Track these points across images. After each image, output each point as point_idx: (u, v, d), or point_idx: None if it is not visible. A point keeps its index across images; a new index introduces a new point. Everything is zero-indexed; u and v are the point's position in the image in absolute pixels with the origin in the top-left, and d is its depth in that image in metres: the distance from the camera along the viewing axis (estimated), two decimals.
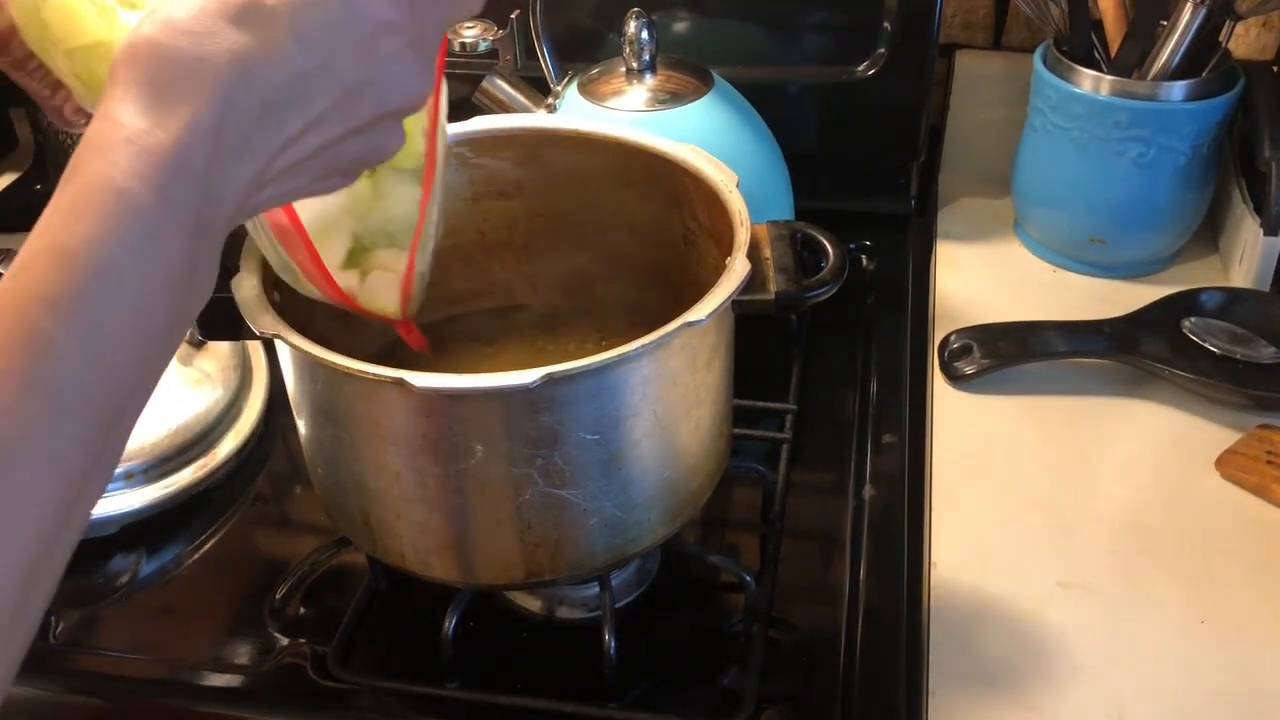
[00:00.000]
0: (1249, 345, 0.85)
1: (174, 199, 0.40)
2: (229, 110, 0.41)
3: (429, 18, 0.46)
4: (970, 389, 0.87)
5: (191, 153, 0.40)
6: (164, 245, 0.40)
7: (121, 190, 0.39)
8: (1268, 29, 1.02)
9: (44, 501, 0.37)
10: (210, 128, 0.41)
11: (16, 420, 0.37)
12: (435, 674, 0.67)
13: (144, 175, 0.40)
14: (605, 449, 0.59)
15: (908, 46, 0.99)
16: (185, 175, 0.40)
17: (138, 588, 0.75)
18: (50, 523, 0.38)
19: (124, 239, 0.39)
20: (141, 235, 0.39)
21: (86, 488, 0.39)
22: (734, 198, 0.66)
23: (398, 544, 0.64)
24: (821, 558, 0.76)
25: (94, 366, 0.38)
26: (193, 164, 0.40)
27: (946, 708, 0.64)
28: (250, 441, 0.84)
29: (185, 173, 0.40)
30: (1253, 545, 0.73)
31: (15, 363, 0.37)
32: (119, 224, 0.39)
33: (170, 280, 0.40)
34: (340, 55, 0.43)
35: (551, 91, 0.92)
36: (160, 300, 0.40)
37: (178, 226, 0.40)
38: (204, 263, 0.42)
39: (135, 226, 0.39)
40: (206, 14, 0.41)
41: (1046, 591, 0.71)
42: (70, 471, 0.38)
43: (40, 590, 0.38)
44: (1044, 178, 0.99)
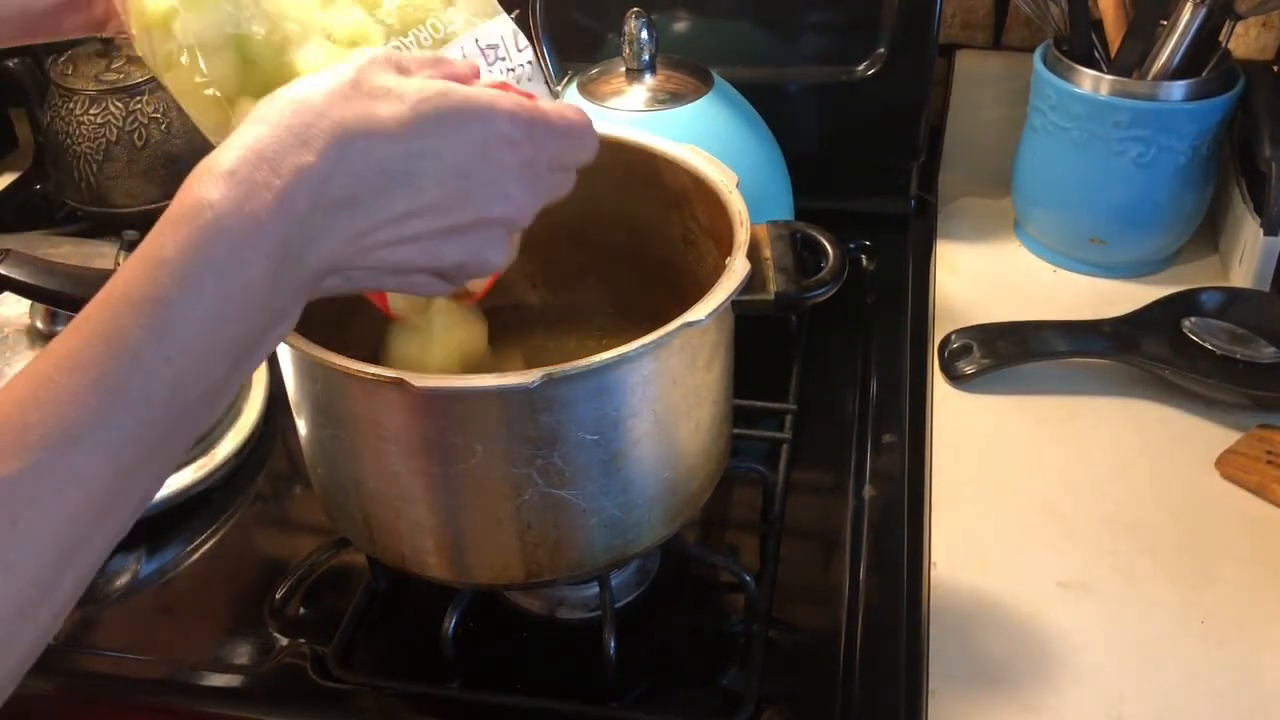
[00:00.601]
0: (1249, 345, 0.85)
1: (264, 225, 0.41)
2: (340, 165, 0.43)
3: (545, 148, 0.48)
4: (970, 389, 0.87)
5: (292, 191, 0.42)
6: (246, 265, 0.41)
7: (214, 205, 0.41)
8: (1268, 29, 1.02)
9: (90, 488, 0.39)
10: (317, 176, 0.42)
11: (79, 406, 0.39)
12: (435, 674, 0.67)
13: (238, 199, 0.41)
14: (605, 449, 0.59)
15: (908, 46, 0.99)
16: (281, 207, 0.41)
17: (138, 588, 0.75)
18: (94, 508, 0.40)
19: (210, 252, 0.41)
20: (227, 252, 0.41)
21: (128, 489, 0.41)
22: (734, 198, 0.66)
23: (397, 544, 0.64)
24: (821, 558, 0.76)
25: (160, 366, 0.40)
26: (291, 201, 0.42)
27: (946, 708, 0.64)
28: (250, 441, 0.84)
29: (282, 205, 0.41)
30: (1253, 545, 0.73)
31: (92, 353, 0.39)
32: (206, 237, 0.41)
33: (247, 302, 0.42)
34: (455, 147, 0.45)
35: (551, 91, 0.93)
36: (234, 317, 0.41)
37: (264, 252, 0.41)
38: (284, 303, 0.44)
39: (222, 242, 0.41)
40: (346, 81, 0.44)
41: (1046, 591, 0.71)
42: (117, 466, 0.40)
43: (73, 575, 0.40)
44: (1044, 178, 0.99)
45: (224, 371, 0.42)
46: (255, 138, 0.42)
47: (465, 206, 0.46)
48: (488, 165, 0.46)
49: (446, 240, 0.47)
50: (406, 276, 0.48)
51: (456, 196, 0.46)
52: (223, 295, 0.41)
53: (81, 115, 1.05)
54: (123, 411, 0.39)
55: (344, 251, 0.44)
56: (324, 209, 0.43)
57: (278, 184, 0.41)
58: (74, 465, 0.39)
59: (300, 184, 0.42)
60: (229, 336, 0.42)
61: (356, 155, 0.43)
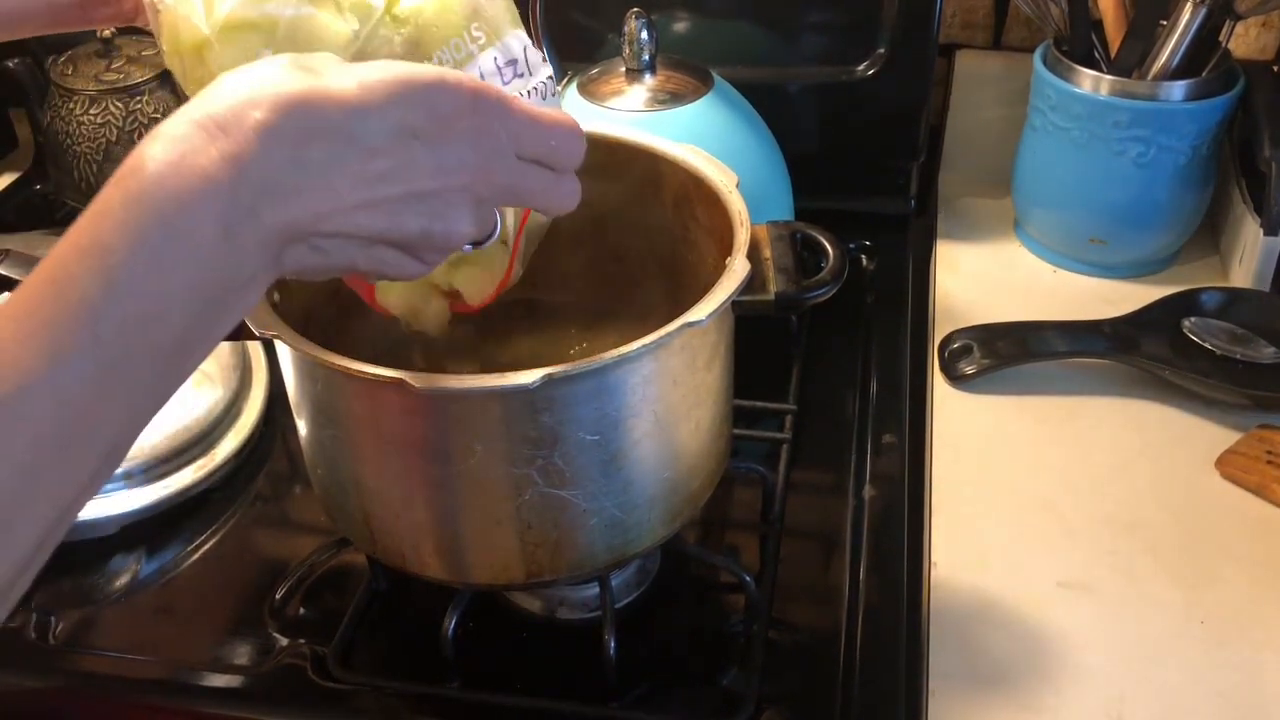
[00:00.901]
0: (1249, 345, 0.85)
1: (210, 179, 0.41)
2: (290, 122, 0.43)
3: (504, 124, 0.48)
4: (970, 389, 0.87)
5: (242, 148, 0.42)
6: (191, 217, 0.41)
7: (156, 159, 0.41)
8: (1268, 29, 1.02)
9: (38, 430, 0.39)
10: (268, 133, 0.42)
11: (25, 346, 0.39)
12: (435, 674, 0.67)
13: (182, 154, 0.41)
14: (605, 449, 0.59)
15: (908, 46, 0.99)
16: (230, 163, 0.42)
17: (138, 588, 0.75)
18: (46, 453, 0.40)
19: (152, 203, 0.41)
20: (170, 204, 0.41)
21: (84, 436, 0.41)
22: (734, 198, 0.66)
23: (398, 544, 0.64)
24: (821, 558, 0.76)
25: (108, 308, 0.40)
26: (240, 157, 0.42)
27: (946, 708, 0.64)
28: (250, 441, 0.84)
29: (230, 160, 0.42)
30: (1253, 545, 0.73)
31: (40, 298, 0.40)
32: (147, 190, 0.41)
33: (196, 254, 0.42)
34: (404, 110, 0.45)
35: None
36: (183, 267, 0.41)
37: (210, 207, 0.41)
38: (244, 261, 0.43)
39: (164, 195, 0.41)
40: (298, 63, 0.45)
41: (1046, 591, 0.71)
42: (67, 408, 0.40)
43: (29, 526, 0.40)
44: (1044, 178, 0.99)
45: (181, 322, 0.42)
46: (204, 102, 0.43)
47: (419, 170, 0.46)
48: (439, 128, 0.46)
49: (405, 205, 0.46)
50: (374, 250, 0.48)
51: (409, 160, 0.45)
52: (167, 244, 0.41)
53: (81, 115, 1.05)
54: (70, 351, 0.39)
55: (302, 214, 0.44)
56: (276, 167, 0.43)
57: (225, 141, 0.42)
58: (18, 408, 0.38)
59: (250, 140, 0.42)
60: (180, 285, 0.41)
61: (306, 116, 0.43)
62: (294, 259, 0.46)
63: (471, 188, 0.48)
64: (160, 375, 0.43)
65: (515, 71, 0.58)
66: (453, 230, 0.48)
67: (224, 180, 0.41)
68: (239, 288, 0.44)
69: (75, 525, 0.74)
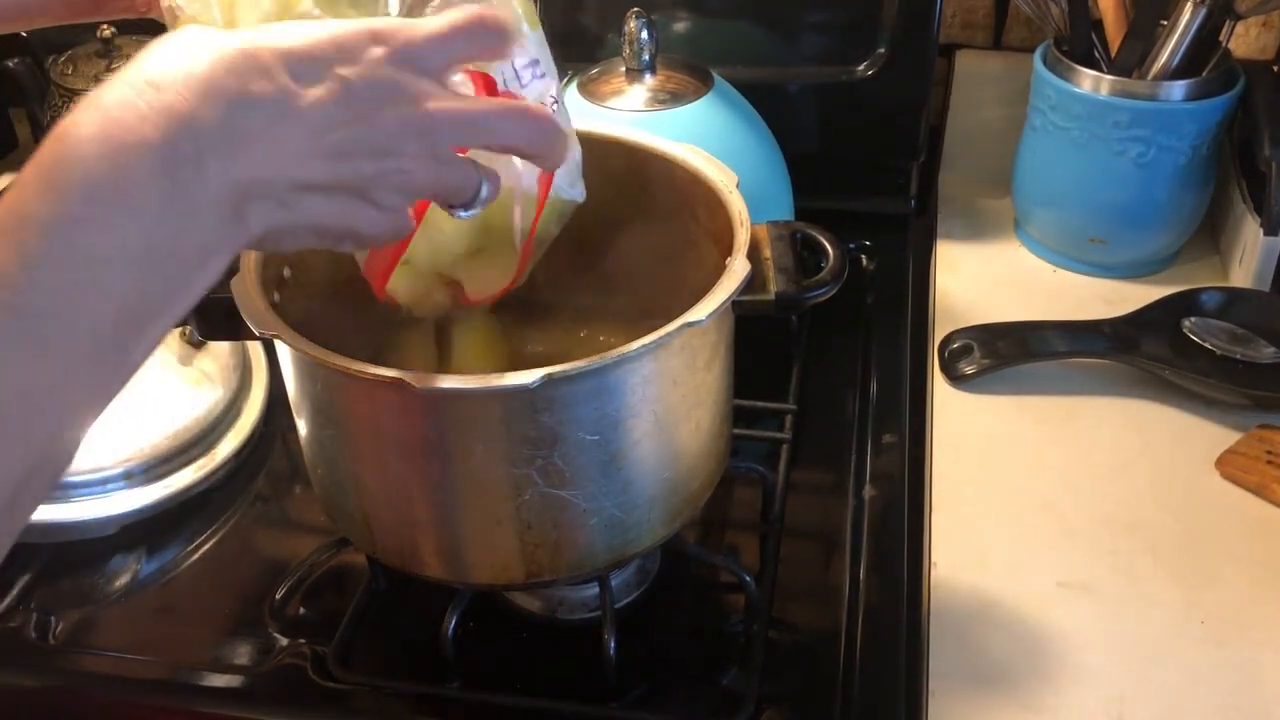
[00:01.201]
0: (1249, 345, 0.85)
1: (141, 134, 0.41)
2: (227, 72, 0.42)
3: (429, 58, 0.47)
4: (970, 389, 0.87)
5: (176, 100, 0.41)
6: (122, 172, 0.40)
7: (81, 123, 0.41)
8: (1268, 29, 1.02)
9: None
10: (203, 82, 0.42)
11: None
12: (435, 674, 0.67)
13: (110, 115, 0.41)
14: (605, 449, 0.59)
15: (908, 46, 0.99)
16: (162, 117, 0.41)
17: (138, 588, 0.75)
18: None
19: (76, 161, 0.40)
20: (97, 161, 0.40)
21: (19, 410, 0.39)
22: (734, 198, 0.66)
23: (397, 544, 0.64)
24: (821, 558, 0.76)
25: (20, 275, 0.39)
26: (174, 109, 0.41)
27: (946, 708, 0.64)
28: (250, 441, 0.84)
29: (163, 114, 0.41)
30: (1253, 545, 0.73)
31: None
32: (70, 150, 0.40)
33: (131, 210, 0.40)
34: (334, 50, 0.44)
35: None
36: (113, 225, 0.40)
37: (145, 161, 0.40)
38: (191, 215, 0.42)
39: (90, 152, 0.40)
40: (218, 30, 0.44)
41: (1046, 591, 0.71)
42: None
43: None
44: (1044, 178, 0.99)
45: (124, 290, 0.40)
46: (138, 64, 0.42)
47: (360, 107, 0.45)
48: (372, 69, 0.45)
49: (355, 145, 0.45)
50: (335, 201, 0.46)
51: (349, 99, 0.44)
52: (95, 207, 0.40)
53: None
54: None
55: (253, 164, 0.43)
56: (218, 119, 0.42)
57: (159, 98, 0.41)
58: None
59: (187, 95, 0.41)
60: (116, 249, 0.40)
61: (243, 65, 0.42)
62: (259, 218, 0.44)
63: (418, 119, 0.46)
64: (108, 347, 0.41)
65: (536, 72, 0.58)
66: (408, 168, 0.47)
67: (159, 137, 0.40)
68: (197, 252, 0.43)
69: (75, 525, 0.76)
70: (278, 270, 0.65)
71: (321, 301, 0.69)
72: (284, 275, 0.66)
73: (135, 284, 0.41)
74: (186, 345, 0.85)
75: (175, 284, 0.43)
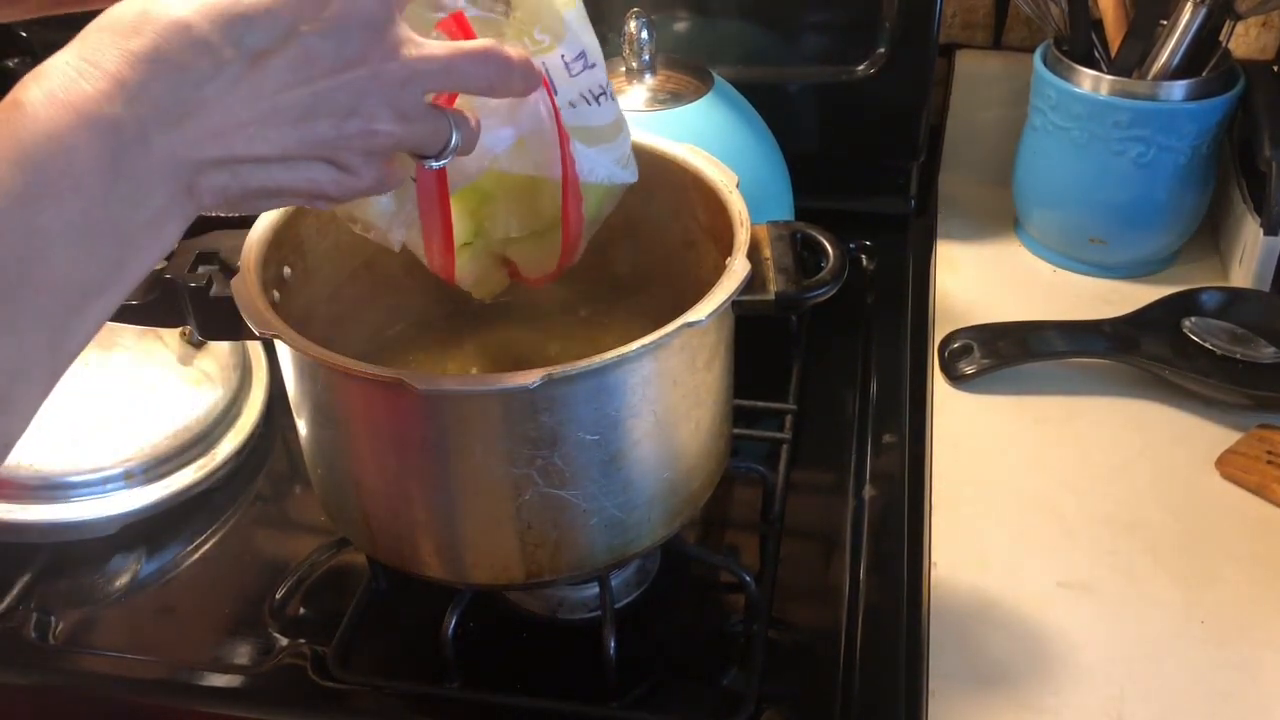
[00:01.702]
0: (1249, 345, 0.85)
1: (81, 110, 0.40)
2: (170, 41, 0.41)
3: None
4: (970, 389, 0.87)
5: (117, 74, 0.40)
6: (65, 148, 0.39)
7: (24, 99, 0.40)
8: (1268, 29, 1.02)
9: None
10: (145, 54, 0.41)
11: None
12: (435, 674, 0.67)
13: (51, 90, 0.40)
14: (605, 449, 0.59)
15: (908, 46, 0.99)
16: (106, 89, 0.40)
17: (138, 588, 0.75)
18: None
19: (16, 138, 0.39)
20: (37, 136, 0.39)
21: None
22: (734, 198, 0.66)
23: (397, 544, 0.64)
24: (821, 558, 0.76)
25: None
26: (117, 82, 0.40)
27: (946, 708, 0.64)
28: (250, 441, 0.84)
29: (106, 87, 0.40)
30: (1253, 545, 0.73)
31: None
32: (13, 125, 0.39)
33: (75, 184, 0.40)
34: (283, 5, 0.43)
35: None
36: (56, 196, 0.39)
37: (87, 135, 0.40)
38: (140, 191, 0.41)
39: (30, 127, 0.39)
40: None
41: (1046, 591, 0.71)
42: None
43: None
44: (1044, 178, 0.99)
45: (67, 260, 0.40)
46: (83, 37, 0.42)
47: (315, 65, 0.43)
48: (327, 17, 0.43)
49: (311, 108, 0.44)
50: (298, 168, 0.45)
51: (303, 57, 0.43)
52: (35, 178, 0.39)
53: None
54: None
55: (199, 136, 0.42)
56: (162, 91, 0.41)
57: (96, 73, 0.40)
58: None
59: (129, 68, 0.40)
60: (57, 221, 0.39)
61: (186, 35, 0.41)
62: (211, 189, 0.44)
63: (380, 74, 0.45)
64: (55, 317, 0.41)
65: (587, 63, 0.58)
66: (369, 126, 0.45)
67: (102, 110, 0.40)
68: (145, 223, 0.42)
69: (75, 525, 0.76)
70: (278, 270, 0.65)
71: (321, 301, 0.69)
72: (284, 275, 0.66)
73: (80, 260, 0.41)
74: (186, 345, 0.85)
75: (122, 260, 0.42)
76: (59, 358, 0.42)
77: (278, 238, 0.65)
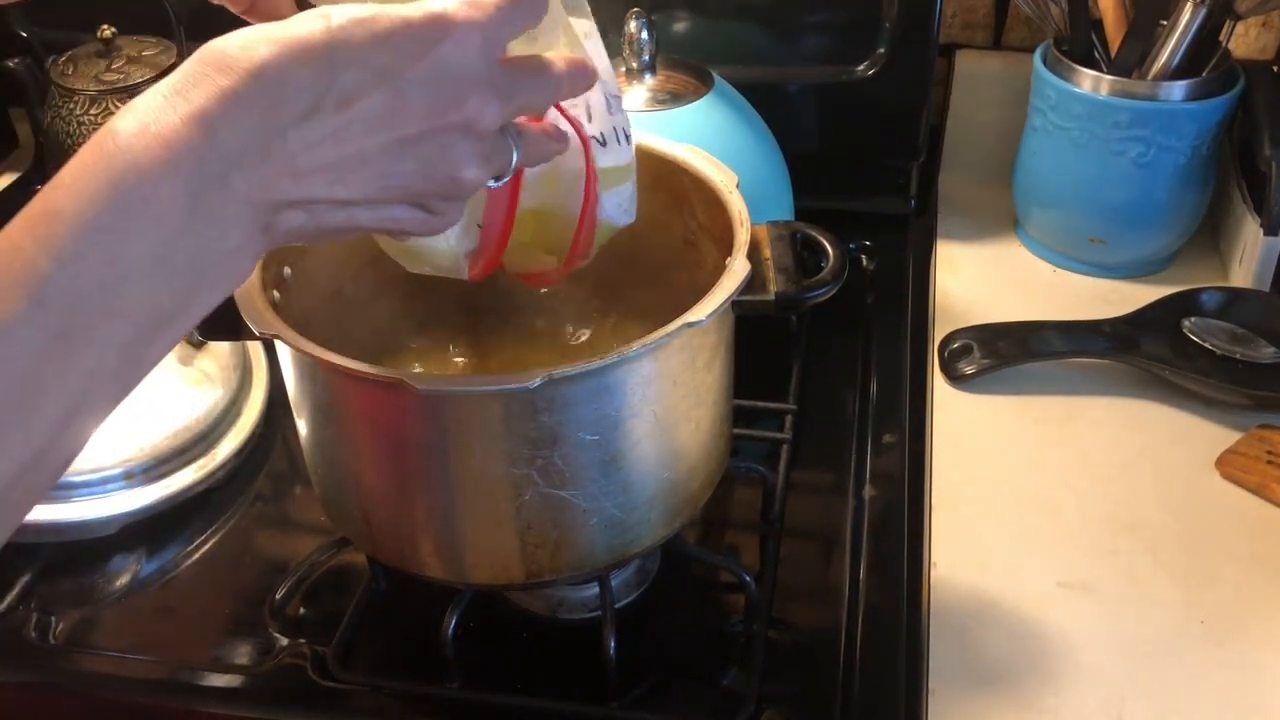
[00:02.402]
0: (1249, 345, 0.85)
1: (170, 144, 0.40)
2: (257, 83, 0.41)
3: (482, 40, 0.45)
4: (970, 389, 0.87)
5: (204, 112, 0.41)
6: (149, 182, 0.40)
7: (117, 131, 0.40)
8: (1268, 29, 1.02)
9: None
10: (232, 95, 0.41)
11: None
12: (435, 674, 0.67)
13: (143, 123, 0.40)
14: (605, 449, 0.59)
15: (908, 46, 0.99)
16: (191, 128, 0.40)
17: (138, 588, 0.75)
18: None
19: (106, 169, 0.40)
20: (126, 169, 0.40)
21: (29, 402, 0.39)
22: (734, 198, 0.66)
23: (398, 544, 0.64)
24: (821, 558, 0.76)
25: (52, 270, 0.39)
26: (202, 121, 0.40)
27: (946, 708, 0.64)
28: (250, 441, 0.84)
29: (192, 125, 0.40)
30: (1253, 545, 0.73)
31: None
32: (103, 157, 0.40)
33: (157, 220, 0.40)
34: (384, 53, 0.43)
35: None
36: (138, 232, 0.40)
37: (172, 172, 0.40)
38: (217, 230, 0.42)
39: (120, 162, 0.40)
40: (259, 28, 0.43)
41: (1046, 591, 0.71)
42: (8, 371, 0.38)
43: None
44: (1044, 178, 0.99)
45: (143, 292, 0.40)
46: (176, 74, 0.42)
47: (405, 114, 0.43)
48: (427, 65, 0.43)
49: (396, 156, 0.44)
50: (381, 210, 0.45)
51: (393, 104, 0.43)
52: (121, 211, 0.39)
53: (81, 115, 1.05)
54: (10, 316, 0.38)
55: (279, 179, 0.42)
56: (245, 132, 0.41)
57: (187, 108, 0.40)
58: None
59: (213, 104, 0.40)
60: (139, 254, 0.40)
61: (274, 72, 0.41)
62: (288, 228, 0.44)
63: (472, 125, 0.45)
64: (122, 349, 0.41)
65: (620, 104, 0.59)
66: (457, 175, 0.45)
67: (187, 148, 0.40)
68: (220, 259, 0.42)
69: (75, 525, 0.75)
70: (278, 270, 0.65)
71: (321, 301, 0.69)
72: (284, 275, 0.66)
73: (156, 291, 0.41)
74: (186, 345, 0.85)
75: (195, 292, 0.43)
76: (123, 384, 0.42)
77: None
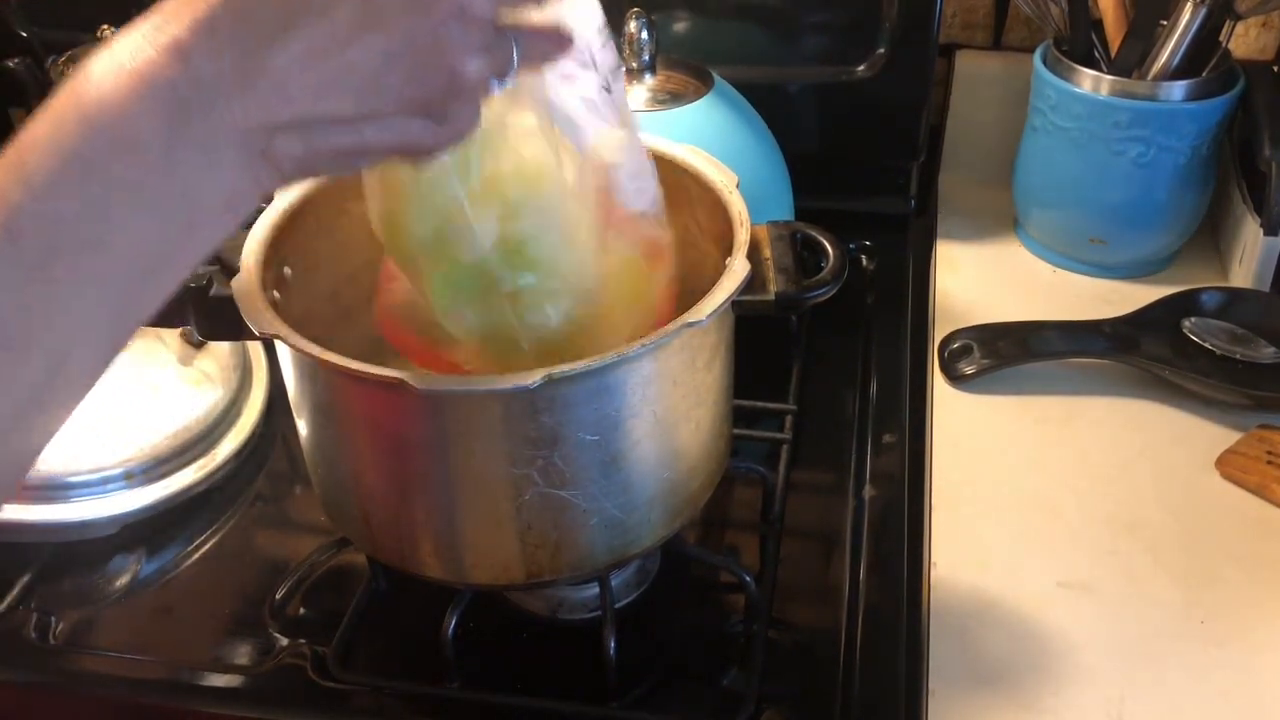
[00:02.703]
0: (1249, 345, 0.85)
1: (144, 75, 0.39)
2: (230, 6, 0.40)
3: None
4: (970, 389, 0.87)
5: (178, 41, 0.40)
6: (125, 113, 0.39)
7: (91, 68, 0.39)
8: (1268, 29, 1.02)
9: None
10: (206, 22, 0.40)
11: None
12: (435, 674, 0.67)
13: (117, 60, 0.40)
14: (605, 450, 0.59)
15: (908, 46, 0.99)
16: (165, 56, 0.39)
17: (138, 588, 0.75)
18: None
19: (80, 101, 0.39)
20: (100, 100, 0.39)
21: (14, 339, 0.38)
22: (734, 198, 0.66)
23: (397, 544, 0.64)
24: (821, 558, 0.76)
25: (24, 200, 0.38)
26: (176, 49, 0.40)
27: (946, 708, 0.64)
28: (250, 441, 0.84)
29: (166, 54, 0.39)
30: (1253, 545, 0.73)
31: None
32: (77, 91, 0.39)
33: (132, 148, 0.39)
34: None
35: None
36: (113, 161, 0.39)
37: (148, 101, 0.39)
38: (204, 158, 0.40)
39: (93, 93, 0.39)
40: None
41: (1046, 591, 0.71)
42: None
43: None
44: (1044, 178, 0.99)
45: (125, 223, 0.39)
46: (151, 15, 0.41)
47: (385, 9, 0.41)
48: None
49: (392, 61, 0.41)
50: (381, 123, 0.42)
51: (374, 10, 0.40)
52: (94, 145, 0.38)
53: None
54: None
55: (265, 97, 0.40)
56: (219, 53, 0.40)
57: (162, 39, 0.39)
58: None
59: (185, 33, 0.39)
60: (119, 186, 0.39)
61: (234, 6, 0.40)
62: (289, 155, 0.42)
63: (462, 7, 0.42)
64: (121, 283, 0.40)
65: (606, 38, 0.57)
66: (457, 67, 0.42)
67: (162, 78, 0.39)
68: (214, 191, 0.41)
69: (75, 525, 0.75)
70: (278, 270, 0.65)
71: (321, 301, 0.69)
72: (284, 275, 0.66)
73: (142, 225, 0.40)
74: (186, 345, 0.85)
75: (191, 228, 0.41)
76: (118, 330, 0.41)
77: (278, 238, 0.65)
